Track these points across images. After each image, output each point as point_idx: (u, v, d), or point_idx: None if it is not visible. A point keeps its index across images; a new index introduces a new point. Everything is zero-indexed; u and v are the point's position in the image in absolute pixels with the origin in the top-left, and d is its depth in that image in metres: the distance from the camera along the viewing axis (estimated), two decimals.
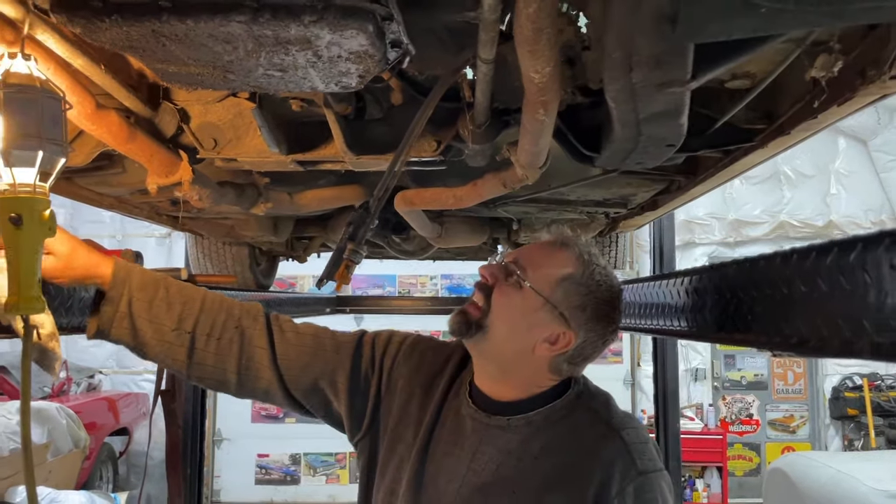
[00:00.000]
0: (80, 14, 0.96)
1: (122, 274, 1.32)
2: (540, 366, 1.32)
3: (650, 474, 1.24)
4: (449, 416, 1.39)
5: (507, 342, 1.32)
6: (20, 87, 1.02)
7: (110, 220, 8.23)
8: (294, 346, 1.44)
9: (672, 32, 0.88)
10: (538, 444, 1.29)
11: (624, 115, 1.21)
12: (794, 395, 8.54)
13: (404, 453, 1.38)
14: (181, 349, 1.37)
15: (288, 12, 0.95)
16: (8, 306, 1.05)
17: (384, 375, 1.47)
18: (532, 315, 1.30)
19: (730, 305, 1.04)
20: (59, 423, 5.70)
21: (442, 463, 1.34)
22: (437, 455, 1.35)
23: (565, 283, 1.30)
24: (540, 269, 1.32)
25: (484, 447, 1.31)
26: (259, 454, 8.38)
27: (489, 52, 1.13)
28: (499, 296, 1.32)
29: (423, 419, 1.39)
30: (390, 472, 1.39)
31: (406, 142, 1.32)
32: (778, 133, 1.48)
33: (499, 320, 1.31)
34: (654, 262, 4.84)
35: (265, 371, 1.41)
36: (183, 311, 1.37)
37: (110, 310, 1.31)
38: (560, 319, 1.29)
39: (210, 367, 1.40)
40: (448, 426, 1.38)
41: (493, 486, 1.27)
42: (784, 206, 8.39)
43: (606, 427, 1.29)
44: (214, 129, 1.61)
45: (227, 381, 1.42)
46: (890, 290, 0.74)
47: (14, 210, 1.02)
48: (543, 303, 1.29)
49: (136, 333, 1.34)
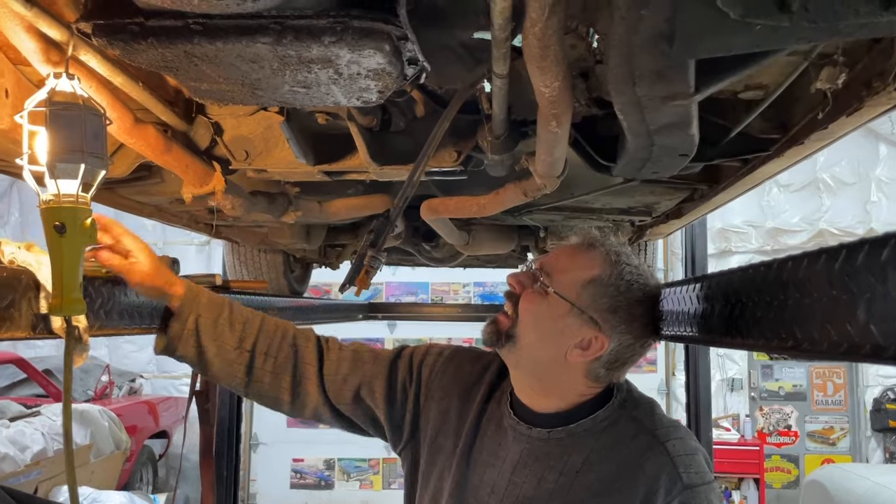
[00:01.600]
0: (119, 37, 1.04)
1: (191, 294, 1.41)
2: (576, 374, 1.29)
3: (697, 488, 1.20)
4: (490, 427, 1.38)
5: (538, 350, 1.30)
6: (65, 104, 1.10)
7: (152, 229, 8.43)
8: (335, 362, 1.50)
9: (670, 49, 0.93)
10: (580, 458, 1.25)
11: (634, 126, 1.25)
12: (835, 407, 8.37)
13: (445, 463, 1.38)
14: (241, 367, 1.43)
15: (309, 34, 1.01)
16: (52, 308, 1.13)
17: (422, 386, 1.48)
18: (560, 321, 1.27)
19: (735, 310, 1.07)
20: (101, 426, 5.87)
21: (484, 474, 1.33)
22: (479, 465, 1.34)
23: (592, 286, 1.27)
24: (565, 272, 1.30)
25: (525, 459, 1.29)
26: (294, 458, 8.50)
27: (502, 67, 1.18)
28: (525, 303, 1.30)
29: (461, 429, 1.38)
30: (433, 481, 1.39)
31: (425, 152, 1.37)
32: (792, 143, 1.50)
33: (527, 328, 1.30)
34: (687, 269, 4.83)
35: (313, 388, 1.48)
36: (244, 330, 1.45)
37: (178, 326, 1.39)
38: (590, 323, 1.26)
39: (267, 384, 1.47)
40: (489, 436, 1.37)
41: (535, 500, 1.25)
42: (823, 214, 8.26)
43: (651, 438, 1.24)
44: (246, 142, 1.69)
45: (281, 399, 1.48)
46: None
47: (58, 219, 1.10)
48: (570, 307, 1.26)
49: (200, 350, 1.41)
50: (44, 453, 5.08)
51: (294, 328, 1.52)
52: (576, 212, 2.62)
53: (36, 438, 5.11)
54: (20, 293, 1.22)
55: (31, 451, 4.99)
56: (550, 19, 0.96)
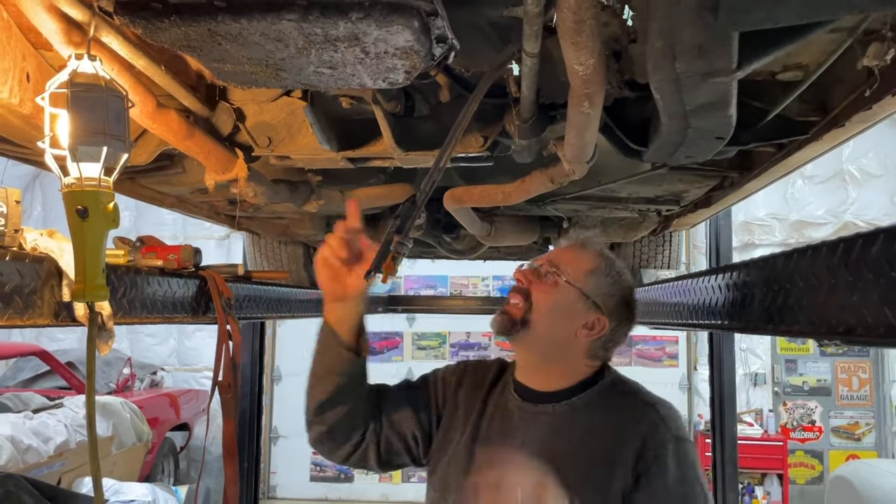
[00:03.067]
0: (142, 15, 1.01)
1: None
2: (579, 352, 1.49)
3: (686, 441, 1.41)
4: (497, 414, 1.53)
5: (551, 333, 1.48)
6: (86, 86, 1.08)
7: (172, 222, 8.50)
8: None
9: (714, 21, 0.88)
10: (583, 426, 1.43)
11: (670, 106, 1.21)
12: (860, 402, 8.24)
13: (452, 452, 1.53)
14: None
15: (336, 9, 0.98)
16: (75, 293, 1.11)
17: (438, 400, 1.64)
18: (571, 306, 1.47)
19: (777, 297, 1.03)
20: (123, 418, 5.91)
21: (494, 453, 1.47)
22: (489, 447, 1.49)
23: (594, 275, 1.49)
24: (570, 265, 1.50)
25: (533, 432, 1.45)
26: (314, 451, 8.50)
27: (534, 45, 1.14)
28: (539, 293, 1.48)
29: (468, 421, 1.54)
30: (440, 469, 1.54)
31: (452, 137, 1.34)
32: (832, 125, 1.44)
33: (540, 315, 1.47)
34: (710, 262, 4.75)
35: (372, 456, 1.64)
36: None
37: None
38: (594, 307, 1.47)
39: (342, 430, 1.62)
40: (497, 422, 1.52)
41: (544, 464, 1.39)
42: (849, 207, 8.10)
43: (642, 402, 1.46)
44: (269, 128, 1.66)
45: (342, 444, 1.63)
46: None
47: (80, 202, 1.08)
48: (579, 294, 1.47)
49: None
50: (66, 445, 5.12)
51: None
52: (601, 201, 2.57)
53: (59, 430, 5.14)
54: (42, 280, 1.21)
55: (54, 442, 5.03)
56: None
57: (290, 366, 8.46)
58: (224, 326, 1.90)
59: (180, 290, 1.78)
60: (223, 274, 2.03)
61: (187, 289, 1.82)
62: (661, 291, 2.16)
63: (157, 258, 1.77)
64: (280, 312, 2.67)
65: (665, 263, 3.67)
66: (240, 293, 2.17)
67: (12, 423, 4.84)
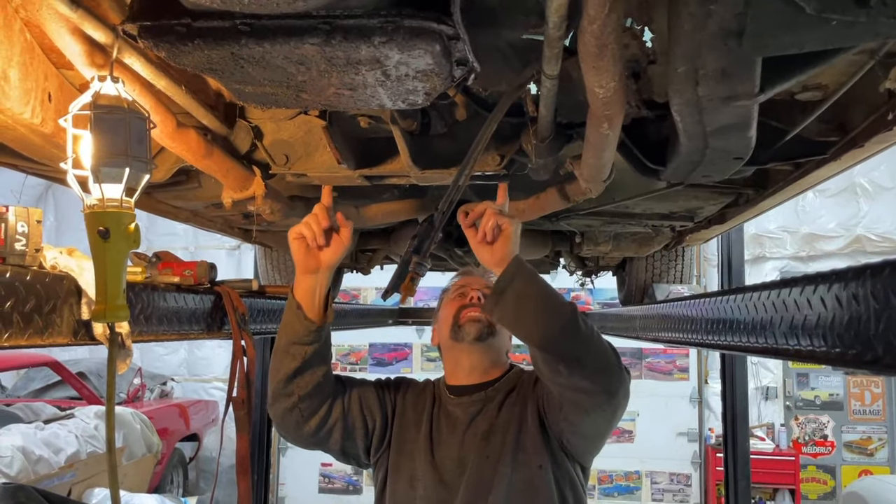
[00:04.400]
0: (166, 39, 1.02)
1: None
2: (509, 346, 1.85)
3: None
4: (441, 418, 1.76)
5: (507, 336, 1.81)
6: (109, 107, 1.09)
7: (183, 234, 8.54)
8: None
9: (739, 47, 0.88)
10: (509, 396, 1.74)
11: (690, 127, 1.21)
12: (872, 416, 8.16)
13: (413, 447, 1.73)
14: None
15: (359, 34, 0.98)
16: (96, 314, 1.11)
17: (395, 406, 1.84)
18: None
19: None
20: (133, 429, 5.92)
21: (450, 441, 1.71)
22: (443, 441, 1.71)
23: None
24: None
25: (476, 414, 1.72)
26: (323, 463, 8.50)
27: (553, 68, 1.14)
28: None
29: (420, 421, 1.76)
30: (405, 465, 1.72)
31: (471, 156, 1.34)
32: (851, 146, 1.44)
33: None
34: (723, 276, 4.73)
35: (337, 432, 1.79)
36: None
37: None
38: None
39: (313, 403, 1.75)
40: (443, 423, 1.75)
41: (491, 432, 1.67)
42: (860, 220, 8.05)
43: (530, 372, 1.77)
44: (286, 146, 1.67)
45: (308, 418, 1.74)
46: None
47: (102, 224, 1.08)
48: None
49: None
50: (77, 456, 5.13)
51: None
52: (615, 217, 2.56)
53: (70, 441, 5.15)
54: (62, 299, 1.21)
55: (64, 453, 5.04)
56: (610, 16, 0.92)
57: None
58: (239, 342, 1.90)
59: (196, 305, 1.78)
60: (238, 289, 2.03)
61: (203, 305, 1.82)
62: (684, 308, 2.14)
63: (174, 274, 1.77)
64: None
65: (677, 278, 3.65)
66: (254, 307, 2.17)
67: (23, 434, 4.85)
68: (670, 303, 2.31)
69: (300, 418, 1.65)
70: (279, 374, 1.61)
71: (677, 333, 2.03)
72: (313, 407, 1.65)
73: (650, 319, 2.46)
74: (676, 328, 2.05)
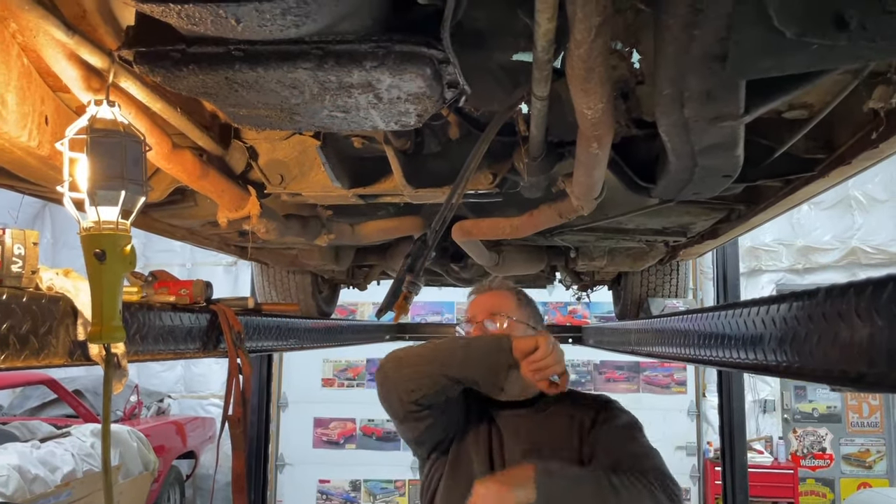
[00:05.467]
0: (161, 64, 1.04)
1: None
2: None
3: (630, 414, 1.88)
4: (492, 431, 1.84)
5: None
6: (105, 131, 1.10)
7: (180, 250, 8.53)
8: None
9: (722, 70, 0.90)
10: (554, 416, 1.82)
11: (678, 147, 1.22)
12: (870, 429, 8.15)
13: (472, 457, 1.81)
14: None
15: (351, 59, 1.00)
16: (92, 335, 1.12)
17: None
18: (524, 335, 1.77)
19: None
20: (129, 446, 5.89)
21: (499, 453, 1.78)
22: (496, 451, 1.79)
23: (520, 306, 1.89)
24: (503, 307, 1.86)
25: (519, 429, 1.81)
26: (320, 480, 8.46)
27: (543, 89, 1.16)
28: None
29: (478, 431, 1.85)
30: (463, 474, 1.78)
31: (463, 176, 1.35)
32: (838, 163, 1.46)
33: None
34: (718, 289, 4.75)
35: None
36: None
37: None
38: (534, 330, 1.86)
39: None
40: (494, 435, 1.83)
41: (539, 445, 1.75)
42: (855, 232, 8.08)
43: (595, 396, 1.94)
44: (281, 166, 1.69)
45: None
46: None
47: (98, 246, 1.10)
48: (525, 325, 1.85)
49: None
50: (73, 474, 5.10)
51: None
52: (609, 232, 2.58)
53: (66, 459, 5.12)
54: (58, 320, 1.22)
55: (61, 472, 5.01)
56: (596, 41, 0.94)
57: (296, 393, 8.45)
58: (234, 361, 1.91)
59: (191, 324, 1.79)
60: (233, 307, 2.03)
61: (198, 323, 1.83)
62: (669, 323, 2.15)
63: (170, 293, 1.78)
64: (289, 343, 2.67)
65: (673, 292, 3.67)
66: (250, 325, 2.17)
67: (19, 453, 4.82)
68: (664, 317, 2.33)
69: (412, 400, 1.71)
70: (430, 369, 1.67)
71: (670, 348, 2.04)
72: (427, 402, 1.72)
73: (644, 334, 2.47)
74: (669, 342, 2.06)
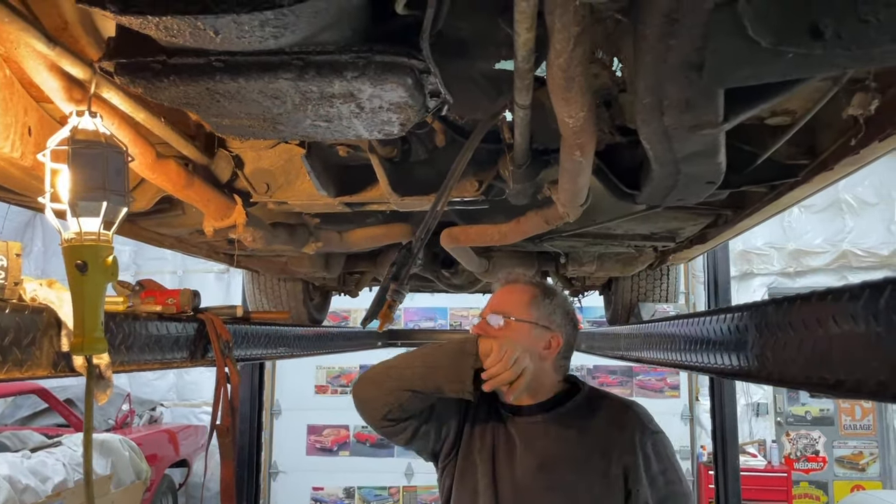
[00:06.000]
0: (142, 75, 1.04)
1: None
2: (549, 370, 1.74)
3: (661, 434, 1.70)
4: (500, 435, 1.77)
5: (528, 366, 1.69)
6: (87, 142, 1.10)
7: (172, 257, 8.51)
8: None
9: (700, 79, 0.91)
10: (574, 427, 1.71)
11: (660, 155, 1.23)
12: (863, 431, 8.18)
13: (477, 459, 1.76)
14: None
15: (331, 69, 1.01)
16: (73, 347, 1.12)
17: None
18: (528, 337, 1.70)
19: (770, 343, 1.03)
20: (121, 455, 5.86)
21: (506, 461, 1.72)
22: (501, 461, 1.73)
23: (534, 304, 1.73)
24: (511, 305, 1.73)
25: (532, 439, 1.71)
26: (314, 487, 8.43)
27: (525, 98, 1.17)
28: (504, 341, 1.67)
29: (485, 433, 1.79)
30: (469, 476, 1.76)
31: (447, 185, 1.36)
32: (821, 168, 1.47)
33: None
34: (709, 293, 4.76)
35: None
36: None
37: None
38: (545, 329, 1.72)
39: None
40: (503, 442, 1.76)
41: (549, 463, 1.66)
42: (846, 235, 8.12)
43: (620, 404, 1.77)
44: (267, 175, 1.69)
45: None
46: None
47: (80, 257, 1.09)
48: (532, 325, 1.71)
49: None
50: (64, 484, 5.06)
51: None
52: (597, 238, 2.59)
53: (57, 469, 5.09)
54: (41, 331, 1.21)
55: (52, 481, 4.98)
56: (575, 50, 0.95)
57: (289, 400, 8.42)
58: (222, 370, 1.90)
59: (179, 333, 1.78)
60: (222, 316, 2.03)
61: (186, 332, 1.82)
62: (654, 329, 2.16)
63: (156, 303, 1.78)
64: (279, 350, 2.67)
65: (663, 297, 3.67)
66: (238, 333, 2.17)
67: (10, 463, 4.79)
68: (652, 323, 2.33)
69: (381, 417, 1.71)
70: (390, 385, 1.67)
71: (658, 353, 2.05)
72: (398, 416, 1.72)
73: (633, 339, 2.48)
74: (657, 347, 2.07)
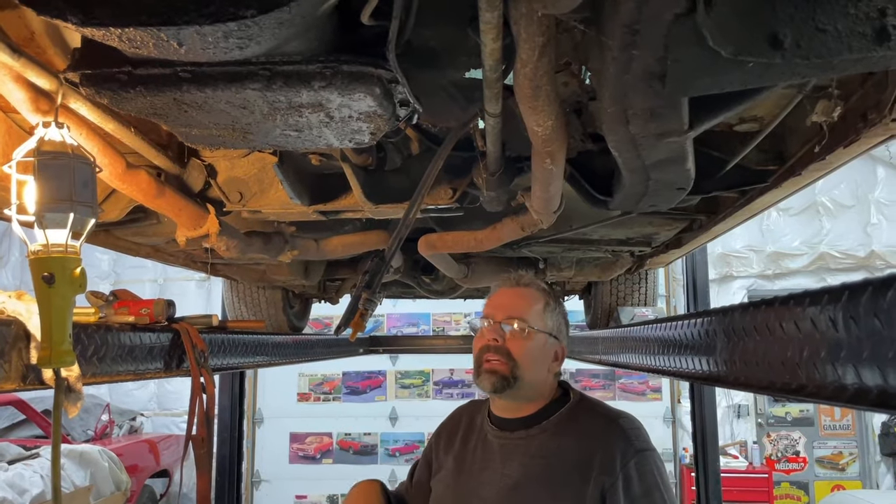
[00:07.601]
0: (108, 86, 1.03)
1: None
2: (550, 380, 1.67)
3: (646, 452, 1.54)
4: (478, 445, 1.70)
5: (535, 378, 1.63)
6: (53, 153, 1.09)
7: (152, 266, 8.43)
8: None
9: (662, 88, 0.92)
10: (555, 444, 1.58)
11: (629, 162, 1.24)
12: (843, 432, 8.26)
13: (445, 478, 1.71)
14: None
15: (298, 79, 1.01)
16: (41, 360, 1.11)
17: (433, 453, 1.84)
18: (543, 348, 1.64)
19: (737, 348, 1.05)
20: (101, 467, 5.79)
21: (480, 476, 1.64)
22: (475, 472, 1.65)
23: (548, 312, 1.65)
24: (528, 311, 1.63)
25: (512, 456, 1.61)
26: (297, 495, 8.38)
27: (495, 106, 1.17)
28: (518, 349, 1.60)
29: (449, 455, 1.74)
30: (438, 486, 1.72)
31: (419, 193, 1.36)
32: (789, 174, 1.49)
33: (526, 368, 1.61)
34: (689, 296, 4.80)
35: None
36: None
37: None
38: (556, 340, 1.66)
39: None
40: (479, 451, 1.69)
41: (524, 483, 1.56)
42: (824, 237, 8.22)
43: (606, 418, 1.61)
44: (240, 183, 1.68)
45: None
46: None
47: (47, 269, 1.08)
48: (546, 335, 1.64)
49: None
50: (42, 496, 4.99)
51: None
52: (574, 243, 2.60)
53: (35, 481, 5.02)
54: (10, 344, 1.20)
55: (29, 494, 4.91)
56: (541, 60, 0.96)
57: (271, 408, 8.37)
58: (198, 380, 1.89)
59: (153, 344, 1.77)
60: (197, 325, 2.01)
61: (160, 342, 1.80)
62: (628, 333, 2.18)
63: (129, 313, 1.76)
64: (258, 359, 2.65)
65: (642, 301, 3.70)
66: (214, 343, 2.15)
67: None
68: (628, 327, 2.35)
69: None
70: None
71: (633, 356, 2.06)
72: None
73: (611, 342, 2.49)
74: (632, 350, 2.08)
